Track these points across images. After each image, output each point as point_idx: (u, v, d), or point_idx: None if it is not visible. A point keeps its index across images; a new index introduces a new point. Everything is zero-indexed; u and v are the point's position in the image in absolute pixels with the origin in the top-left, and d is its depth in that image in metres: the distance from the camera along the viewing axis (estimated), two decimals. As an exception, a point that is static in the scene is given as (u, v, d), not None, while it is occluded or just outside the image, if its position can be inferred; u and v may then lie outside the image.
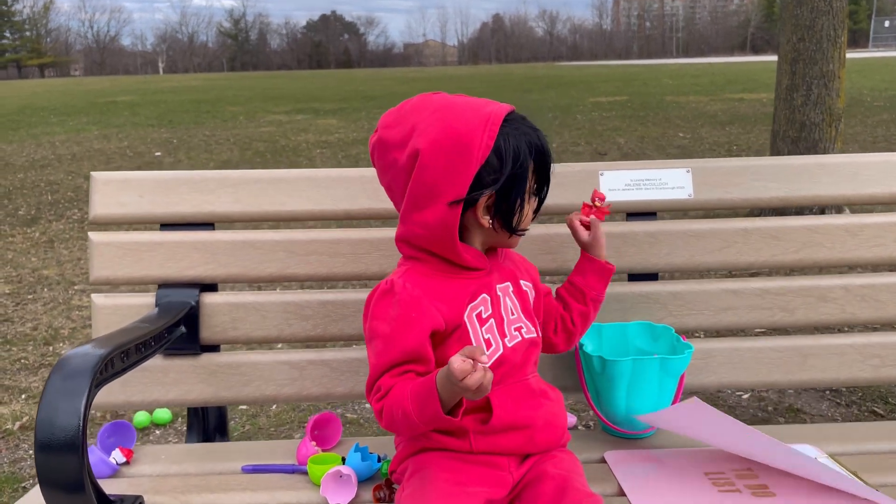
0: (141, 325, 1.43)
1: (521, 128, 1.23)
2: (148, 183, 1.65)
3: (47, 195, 7.91)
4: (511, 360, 1.28)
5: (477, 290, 1.28)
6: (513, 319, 1.31)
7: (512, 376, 1.29)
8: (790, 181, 1.68)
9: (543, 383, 1.35)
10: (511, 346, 1.29)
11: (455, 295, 1.26)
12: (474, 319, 1.26)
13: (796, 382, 1.68)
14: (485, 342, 1.26)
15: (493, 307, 1.29)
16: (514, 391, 1.28)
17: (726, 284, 1.67)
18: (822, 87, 5.05)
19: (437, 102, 1.24)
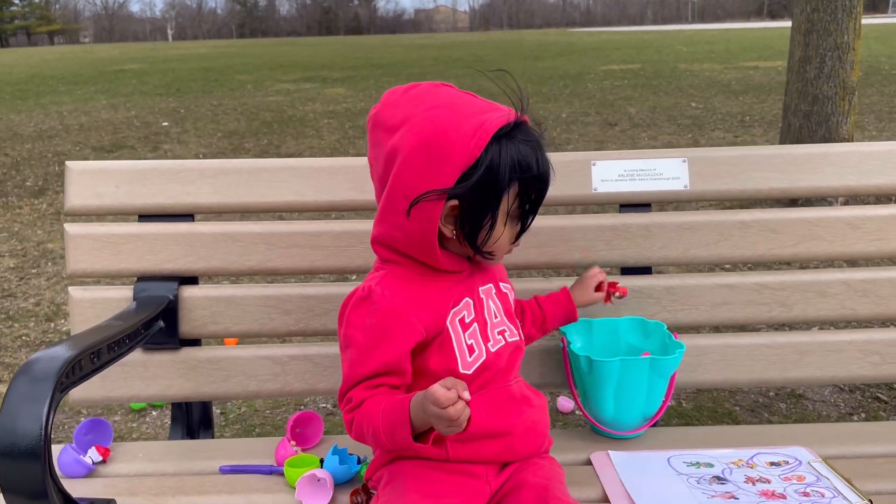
0: (114, 323, 1.39)
1: (519, 142, 1.14)
2: (125, 173, 1.60)
3: (54, 166, 7.90)
4: (495, 365, 1.24)
5: (460, 294, 1.23)
6: (496, 323, 1.27)
7: (494, 382, 1.24)
8: (791, 171, 1.62)
9: (526, 388, 1.31)
10: (495, 351, 1.24)
11: (437, 300, 1.21)
12: (457, 325, 1.21)
13: (793, 380, 1.63)
14: (468, 348, 1.21)
15: (475, 311, 1.24)
16: (495, 397, 1.24)
17: (722, 279, 1.62)
18: (835, 60, 4.92)
19: (439, 99, 1.16)
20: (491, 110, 1.15)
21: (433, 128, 1.12)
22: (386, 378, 1.16)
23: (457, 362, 1.20)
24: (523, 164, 1.14)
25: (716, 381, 1.62)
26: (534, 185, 1.17)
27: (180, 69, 20.54)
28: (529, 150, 1.15)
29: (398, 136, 1.15)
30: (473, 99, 1.18)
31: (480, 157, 1.11)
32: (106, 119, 11.16)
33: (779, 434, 1.53)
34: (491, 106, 1.16)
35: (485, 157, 1.11)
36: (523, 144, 1.14)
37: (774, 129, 8.22)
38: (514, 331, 1.30)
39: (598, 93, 12.17)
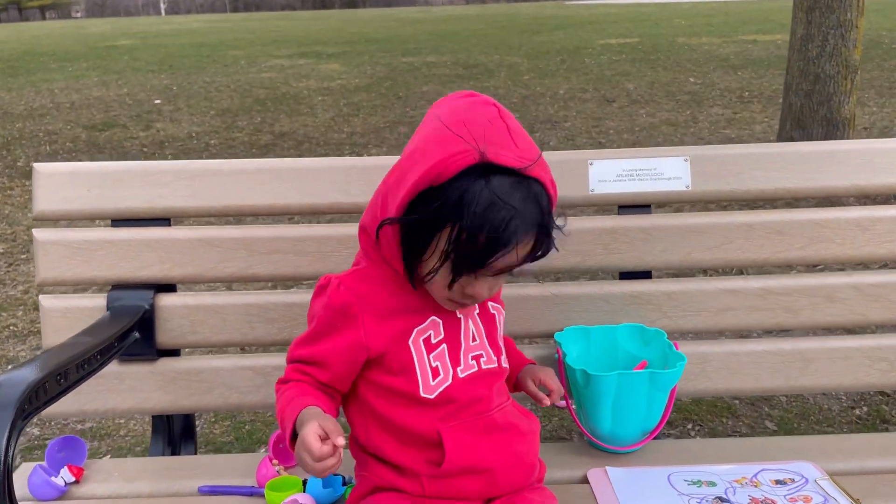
0: (83, 340, 1.32)
1: (490, 190, 1.00)
2: (96, 175, 1.52)
3: (46, 146, 7.81)
4: (463, 392, 1.15)
5: (427, 312, 1.15)
6: (472, 346, 1.18)
7: (468, 410, 1.16)
8: (797, 170, 1.54)
9: (516, 413, 1.22)
10: (464, 377, 1.16)
11: (402, 313, 1.14)
12: (420, 345, 1.14)
13: (798, 388, 1.56)
14: (431, 371, 1.14)
15: (445, 331, 1.16)
16: (472, 428, 1.15)
17: (725, 283, 1.54)
18: (838, 38, 4.81)
19: (462, 115, 1.05)
20: (504, 146, 1.03)
21: (429, 133, 1.06)
22: (312, 369, 1.15)
23: (417, 385, 1.13)
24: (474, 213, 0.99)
25: (718, 389, 1.55)
26: (472, 239, 1.01)
27: (173, 44, 20.27)
28: (499, 203, 1.00)
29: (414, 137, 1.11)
30: (502, 127, 1.05)
31: (439, 185, 1.02)
32: (97, 97, 11.01)
33: (782, 447, 1.47)
34: (509, 142, 1.03)
35: (441, 185, 1.02)
36: (494, 194, 1.00)
37: (774, 104, 8.13)
38: (493, 357, 1.20)
39: (596, 68, 12.02)
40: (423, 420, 1.14)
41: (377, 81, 11.40)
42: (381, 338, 1.12)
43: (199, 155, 7.01)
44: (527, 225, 1.02)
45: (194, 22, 32.45)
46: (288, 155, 6.84)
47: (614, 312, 1.53)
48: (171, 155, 7.05)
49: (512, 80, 10.70)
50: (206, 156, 6.97)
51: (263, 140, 7.53)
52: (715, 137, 6.88)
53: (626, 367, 1.49)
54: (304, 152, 6.92)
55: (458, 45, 16.47)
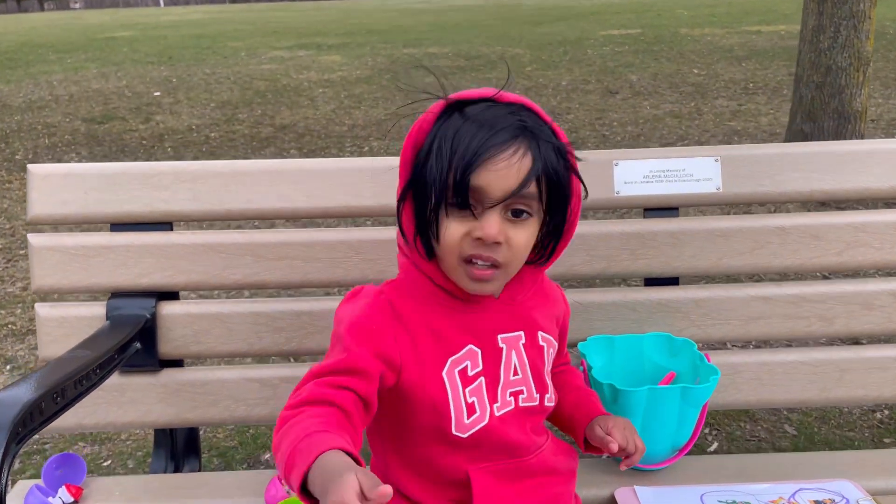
0: (81, 354, 1.24)
1: (463, 115, 0.96)
2: (93, 177, 1.44)
3: (44, 138, 7.73)
4: (498, 433, 1.04)
5: (463, 340, 1.03)
6: (513, 381, 1.07)
7: (503, 453, 1.05)
8: (835, 171, 1.46)
9: (556, 451, 1.12)
10: (499, 416, 1.05)
11: (437, 338, 1.02)
12: (455, 377, 1.02)
13: (832, 400, 1.49)
14: (466, 407, 1.02)
15: (485, 363, 1.04)
16: (504, 471, 1.05)
17: (757, 290, 1.47)
18: (850, 29, 4.72)
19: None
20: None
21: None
22: (347, 378, 0.96)
23: (450, 422, 1.01)
24: (462, 140, 0.94)
25: (749, 401, 1.48)
26: (463, 170, 0.93)
27: (172, 36, 20.13)
28: (480, 122, 0.94)
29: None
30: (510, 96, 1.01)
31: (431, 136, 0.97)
32: (96, 89, 10.91)
33: (819, 463, 1.39)
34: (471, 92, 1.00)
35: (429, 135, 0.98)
36: (476, 114, 0.96)
37: (779, 96, 8.05)
38: (535, 393, 1.08)
39: (599, 59, 11.91)
40: (450, 459, 1.04)
41: (378, 73, 11.31)
42: (414, 364, 1.01)
43: (200, 148, 6.93)
44: (510, 130, 0.94)
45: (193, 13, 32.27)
46: (289, 147, 6.76)
47: (640, 321, 1.45)
48: (171, 148, 6.97)
49: (514, 72, 10.60)
50: (207, 149, 6.89)
51: (264, 133, 7.45)
52: (720, 130, 6.80)
53: (653, 378, 1.42)
54: (306, 145, 6.84)
55: (459, 36, 16.34)
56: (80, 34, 22.33)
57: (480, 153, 0.92)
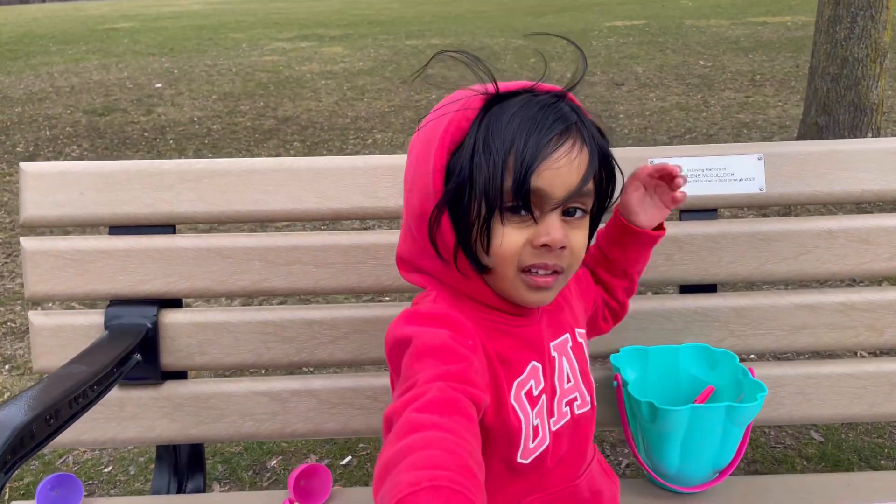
0: (76, 370, 1.14)
1: (505, 109, 0.84)
2: (90, 176, 1.34)
3: (45, 130, 7.64)
4: (555, 451, 0.94)
5: (526, 357, 0.92)
6: (567, 390, 0.97)
7: (555, 474, 0.95)
8: (887, 170, 1.35)
9: (600, 473, 1.02)
10: (555, 431, 0.95)
11: (498, 362, 0.89)
12: (524, 401, 0.90)
13: (882, 415, 1.39)
14: (532, 431, 0.91)
15: (546, 378, 0.94)
16: (557, 501, 0.96)
17: (802, 298, 1.37)
18: (867, 19, 4.60)
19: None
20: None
21: (441, 106, 0.90)
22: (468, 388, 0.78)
23: (517, 449, 0.90)
24: (503, 141, 0.83)
25: (793, 416, 1.38)
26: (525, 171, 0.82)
27: (173, 27, 19.99)
28: (538, 119, 0.84)
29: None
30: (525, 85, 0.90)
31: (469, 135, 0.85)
32: (97, 81, 10.81)
33: (870, 485, 1.30)
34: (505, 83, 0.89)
35: (469, 135, 0.86)
36: (515, 114, 0.84)
37: (786, 88, 7.96)
38: (587, 396, 1.00)
39: (604, 51, 11.79)
40: (509, 490, 0.93)
41: (381, 65, 11.21)
42: (489, 390, 0.87)
43: (202, 140, 6.83)
44: (562, 122, 0.85)
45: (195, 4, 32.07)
46: (292, 140, 6.66)
47: (676, 331, 1.36)
48: (173, 140, 6.87)
49: (518, 64, 10.48)
50: (209, 141, 6.80)
51: (267, 125, 7.35)
52: (728, 122, 6.70)
53: (690, 392, 1.32)
54: (308, 137, 6.74)
55: (462, 27, 16.22)
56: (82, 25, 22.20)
57: (539, 151, 0.82)
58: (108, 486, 2.29)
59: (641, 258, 1.13)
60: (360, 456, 2.34)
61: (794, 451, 2.28)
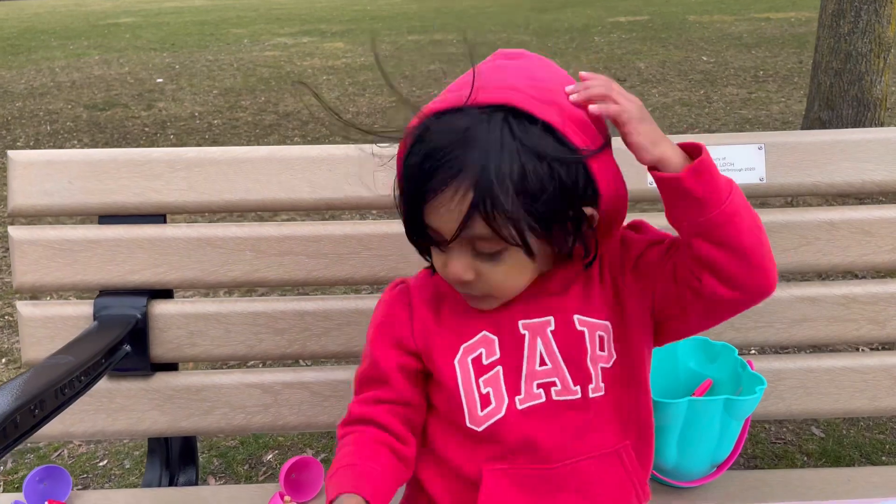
0: (61, 360, 1.12)
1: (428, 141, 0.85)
2: (78, 165, 1.32)
3: (46, 125, 7.64)
4: (519, 430, 0.93)
5: (477, 325, 0.95)
6: (541, 371, 0.94)
7: (527, 454, 0.94)
8: (890, 160, 1.33)
9: (610, 473, 0.97)
10: (523, 409, 0.94)
11: (453, 325, 0.96)
12: (468, 365, 0.94)
13: (884, 410, 1.37)
14: (480, 398, 0.93)
15: (503, 351, 0.95)
16: (526, 478, 0.93)
17: (802, 290, 1.35)
18: (871, 13, 4.57)
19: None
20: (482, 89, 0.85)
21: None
22: (374, 390, 0.98)
23: (463, 413, 0.94)
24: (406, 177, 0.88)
25: (793, 411, 1.36)
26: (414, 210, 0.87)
27: (175, 22, 19.98)
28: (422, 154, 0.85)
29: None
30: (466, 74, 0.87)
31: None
32: (98, 76, 10.80)
33: (870, 480, 1.28)
34: (494, 83, 0.86)
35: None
36: (425, 143, 0.85)
37: (790, 84, 7.93)
38: (571, 386, 0.94)
39: (606, 46, 11.77)
40: (468, 454, 0.95)
41: (383, 60, 11.17)
42: (430, 349, 0.96)
43: (203, 135, 6.82)
44: (454, 162, 0.82)
45: (196, -1, 32.07)
46: (293, 135, 6.65)
47: (674, 323, 1.33)
48: (174, 135, 6.86)
49: (521, 59, 10.48)
50: (210, 136, 6.79)
51: (268, 120, 7.34)
52: (731, 118, 6.68)
53: (689, 386, 1.30)
54: (310, 132, 6.73)
55: (464, 22, 16.20)
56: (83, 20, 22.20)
57: (423, 194, 0.84)
58: (103, 479, 2.27)
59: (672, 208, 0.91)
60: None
61: (795, 447, 2.26)
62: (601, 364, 0.96)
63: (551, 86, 0.87)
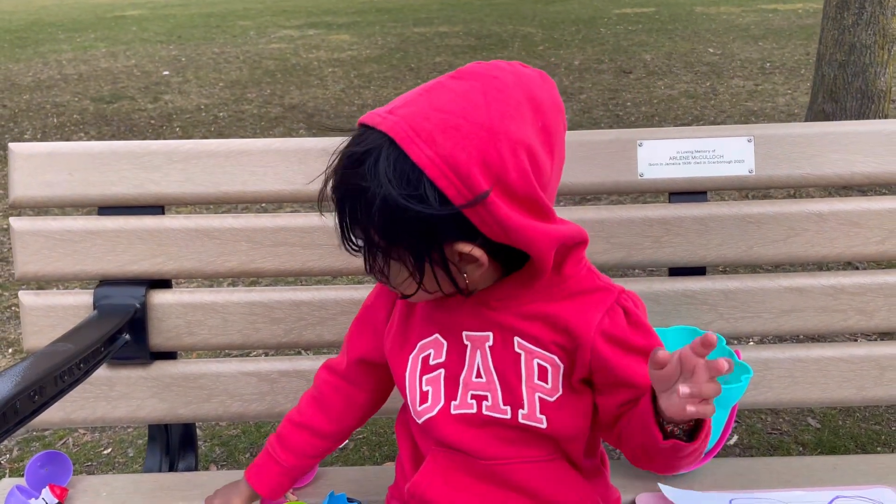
0: (61, 347, 1.15)
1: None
2: (78, 157, 1.35)
3: (53, 118, 7.67)
4: (447, 431, 0.98)
5: (430, 327, 1.00)
6: (476, 383, 0.98)
7: (461, 451, 0.99)
8: (879, 152, 1.34)
9: (545, 475, 0.99)
10: (454, 415, 0.98)
11: (418, 321, 1.03)
12: (418, 362, 1.01)
13: (871, 399, 1.39)
14: (420, 394, 1.00)
15: (448, 356, 0.99)
16: (462, 466, 0.99)
17: (791, 281, 1.36)
18: (875, 5, 4.55)
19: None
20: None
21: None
22: (335, 359, 1.18)
23: (407, 404, 1.04)
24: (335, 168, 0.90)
25: (781, 400, 1.38)
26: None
27: (181, 15, 20.00)
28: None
29: None
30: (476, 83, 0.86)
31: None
32: (105, 68, 10.83)
33: (857, 468, 1.29)
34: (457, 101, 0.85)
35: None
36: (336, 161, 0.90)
37: (796, 76, 7.90)
38: (500, 405, 0.96)
39: (612, 38, 11.73)
40: (422, 438, 1.05)
41: (388, 52, 11.18)
42: (393, 339, 1.05)
43: (209, 127, 6.85)
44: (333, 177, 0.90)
45: (203, -9, 32.06)
46: (298, 128, 6.67)
47: (664, 313, 1.35)
48: (180, 128, 6.89)
49: (526, 51, 10.45)
50: (216, 128, 6.81)
51: (273, 113, 7.35)
52: (737, 110, 6.66)
53: (678, 375, 1.32)
54: (315, 125, 6.74)
55: (470, 14, 16.15)
56: (90, 13, 22.23)
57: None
58: (107, 467, 2.31)
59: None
60: (357, 440, 2.35)
61: (791, 438, 2.27)
62: (540, 394, 0.96)
63: (458, 122, 0.83)
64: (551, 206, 0.87)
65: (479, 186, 0.81)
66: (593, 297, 0.95)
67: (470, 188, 0.81)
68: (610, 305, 0.94)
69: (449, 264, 0.87)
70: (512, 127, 0.83)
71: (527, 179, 0.83)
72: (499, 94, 0.84)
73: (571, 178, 1.33)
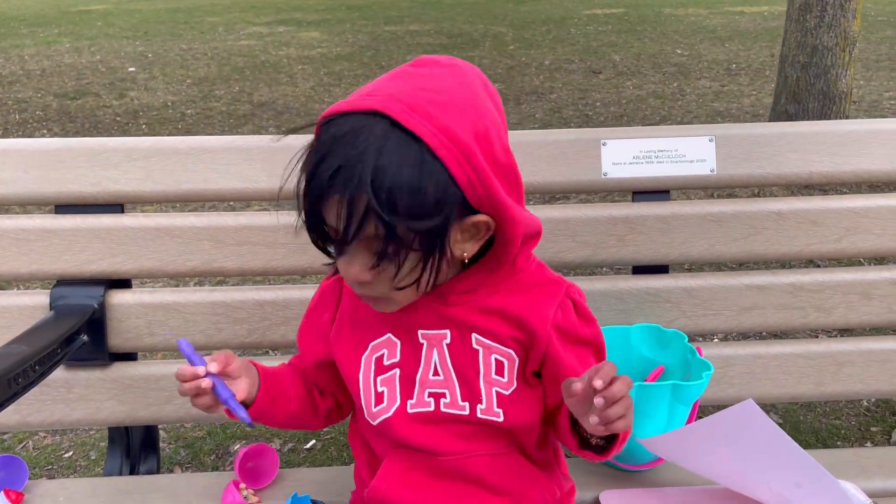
0: (14, 350, 1.13)
1: (321, 143, 0.86)
2: (34, 154, 1.32)
3: (15, 114, 7.53)
4: (404, 431, 0.98)
5: (382, 327, 0.99)
6: (433, 381, 0.97)
7: (417, 449, 0.99)
8: (837, 151, 1.37)
9: (501, 468, 1.00)
10: (410, 414, 0.97)
11: (367, 322, 1.00)
12: (371, 363, 1.00)
13: (828, 395, 1.41)
14: (376, 395, 0.99)
15: (403, 355, 0.98)
16: (419, 465, 0.99)
17: (751, 279, 1.38)
18: (837, 8, 4.64)
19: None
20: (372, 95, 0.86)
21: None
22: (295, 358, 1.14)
23: (361, 406, 1.01)
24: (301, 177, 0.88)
25: (741, 395, 1.39)
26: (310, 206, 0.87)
27: (147, 10, 19.74)
28: (315, 155, 0.86)
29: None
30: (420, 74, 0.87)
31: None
32: (69, 64, 10.66)
33: (820, 460, 1.31)
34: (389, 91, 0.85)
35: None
36: (316, 148, 0.87)
37: (761, 77, 8.01)
38: (459, 401, 0.96)
39: (582, 38, 11.81)
40: (376, 440, 1.04)
41: (359, 50, 11.14)
42: (342, 341, 1.02)
43: (176, 125, 6.77)
44: (333, 160, 0.82)
45: (171, -13, 31.71)
46: (267, 125, 6.62)
47: (628, 311, 1.36)
48: (146, 125, 6.80)
49: (497, 51, 10.48)
50: (183, 126, 6.73)
51: (242, 110, 7.29)
52: (703, 111, 6.74)
53: (641, 372, 1.33)
54: (284, 123, 6.70)
55: (441, 13, 16.15)
56: (53, 7, 21.86)
57: (314, 193, 0.85)
58: (68, 470, 2.26)
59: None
60: (325, 440, 2.34)
61: (754, 433, 2.30)
62: (497, 388, 0.97)
63: (444, 99, 0.84)
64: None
65: (476, 160, 0.82)
66: (545, 289, 0.98)
67: (469, 161, 0.82)
68: (561, 299, 0.97)
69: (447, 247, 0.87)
70: (484, 107, 0.86)
71: (508, 156, 0.87)
72: (465, 79, 0.87)
73: (537, 176, 1.34)
